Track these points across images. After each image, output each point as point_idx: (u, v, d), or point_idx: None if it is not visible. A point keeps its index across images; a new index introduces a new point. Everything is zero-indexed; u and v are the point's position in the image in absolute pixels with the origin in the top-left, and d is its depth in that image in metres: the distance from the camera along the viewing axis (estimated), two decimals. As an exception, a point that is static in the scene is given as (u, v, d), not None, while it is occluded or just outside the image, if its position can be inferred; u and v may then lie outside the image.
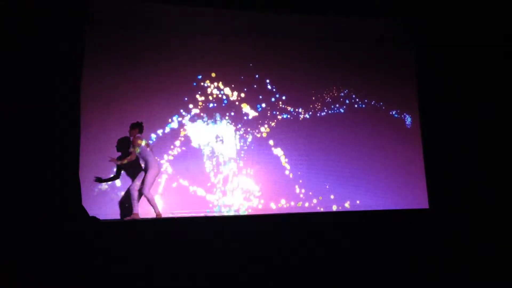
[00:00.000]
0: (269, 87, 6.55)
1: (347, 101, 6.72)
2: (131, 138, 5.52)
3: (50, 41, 4.85)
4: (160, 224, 5.13)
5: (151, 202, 5.45)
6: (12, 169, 4.53)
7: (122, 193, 5.80)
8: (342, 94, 6.72)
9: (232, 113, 6.40)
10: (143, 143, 5.46)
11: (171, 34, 6.30)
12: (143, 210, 5.50)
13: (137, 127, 5.54)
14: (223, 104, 6.39)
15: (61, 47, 4.94)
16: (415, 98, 6.71)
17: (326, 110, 6.65)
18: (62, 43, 4.95)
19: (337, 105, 6.69)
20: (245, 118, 6.44)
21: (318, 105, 6.63)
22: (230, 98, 6.44)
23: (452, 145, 6.07)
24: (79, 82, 5.33)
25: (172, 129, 6.14)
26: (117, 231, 4.65)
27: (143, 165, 5.55)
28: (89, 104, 5.67)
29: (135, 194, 5.42)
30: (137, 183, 5.46)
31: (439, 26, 6.29)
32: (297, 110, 6.58)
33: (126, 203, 5.73)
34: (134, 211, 5.40)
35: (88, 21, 5.67)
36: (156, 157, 5.63)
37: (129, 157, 5.44)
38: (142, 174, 5.50)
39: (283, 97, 6.57)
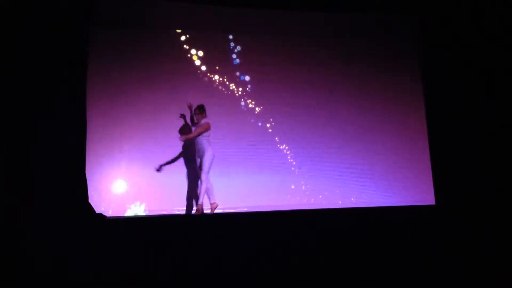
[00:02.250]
0: (274, 83, 6.51)
1: (354, 98, 6.66)
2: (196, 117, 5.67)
3: (54, 41, 4.87)
4: (164, 221, 5.16)
5: (208, 191, 5.52)
6: (18, 168, 4.59)
7: (128, 191, 5.86)
8: (349, 91, 6.67)
9: (238, 109, 6.40)
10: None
11: (175, 31, 6.30)
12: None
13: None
14: (229, 100, 6.39)
15: (65, 46, 4.96)
16: (422, 95, 6.64)
17: (332, 107, 6.61)
18: (66, 42, 4.96)
19: (344, 102, 6.65)
20: (251, 114, 6.43)
21: (324, 102, 6.59)
22: (236, 94, 6.43)
23: (458, 141, 6.03)
24: (84, 80, 5.36)
25: (176, 125, 6.15)
26: (123, 229, 4.70)
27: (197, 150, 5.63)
28: (94, 102, 5.69)
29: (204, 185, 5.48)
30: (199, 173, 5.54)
31: (444, 25, 6.23)
32: (303, 106, 6.54)
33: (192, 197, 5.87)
34: (199, 202, 5.47)
35: (91, 20, 5.65)
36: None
37: (197, 131, 5.53)
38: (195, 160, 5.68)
39: (289, 94, 6.53)
